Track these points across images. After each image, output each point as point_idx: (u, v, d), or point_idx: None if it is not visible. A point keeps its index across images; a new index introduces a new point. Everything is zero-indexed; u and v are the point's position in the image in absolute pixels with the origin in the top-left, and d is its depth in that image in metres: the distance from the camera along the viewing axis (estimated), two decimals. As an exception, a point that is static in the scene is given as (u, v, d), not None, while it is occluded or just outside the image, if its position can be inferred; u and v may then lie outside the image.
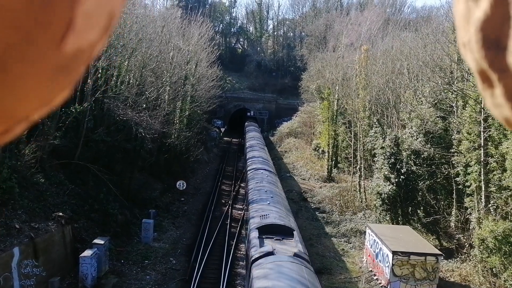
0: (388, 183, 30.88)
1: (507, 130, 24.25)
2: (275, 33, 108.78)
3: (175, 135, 40.06)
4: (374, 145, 35.81)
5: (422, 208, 31.42)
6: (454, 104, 29.68)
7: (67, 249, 22.28)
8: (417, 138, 30.46)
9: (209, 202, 37.64)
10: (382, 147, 32.54)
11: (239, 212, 35.24)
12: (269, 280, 15.52)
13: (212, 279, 23.79)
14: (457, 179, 28.27)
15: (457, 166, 28.19)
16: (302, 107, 68.52)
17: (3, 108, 0.46)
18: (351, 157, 44.68)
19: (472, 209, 26.82)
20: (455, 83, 29.32)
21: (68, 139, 26.46)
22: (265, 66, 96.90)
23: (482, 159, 25.46)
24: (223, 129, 78.76)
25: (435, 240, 30.09)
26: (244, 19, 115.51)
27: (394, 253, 23.18)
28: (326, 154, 50.72)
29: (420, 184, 30.80)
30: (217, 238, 29.51)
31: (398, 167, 30.70)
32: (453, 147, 28.69)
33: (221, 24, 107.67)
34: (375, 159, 34.67)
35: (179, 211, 35.05)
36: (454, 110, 29.73)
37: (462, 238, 28.30)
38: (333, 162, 50.17)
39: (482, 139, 25.39)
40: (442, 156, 29.85)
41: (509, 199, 24.62)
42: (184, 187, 36.77)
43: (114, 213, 26.81)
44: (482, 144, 25.45)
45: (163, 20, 42.83)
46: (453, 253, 27.95)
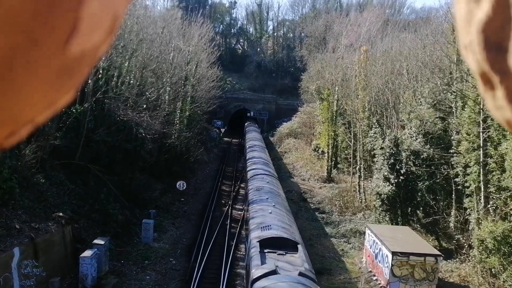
0: (388, 184, 30.94)
1: (506, 131, 24.30)
2: (275, 34, 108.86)
3: (176, 136, 40.10)
4: (374, 146, 35.88)
5: (422, 209, 31.46)
6: (453, 105, 29.73)
7: (67, 249, 22.32)
8: (417, 139, 30.52)
9: (209, 203, 37.67)
10: (382, 148, 32.60)
11: (239, 213, 35.27)
12: None
13: (212, 279, 23.84)
14: (457, 180, 28.32)
15: (457, 167, 28.24)
16: (302, 108, 68.54)
17: (9, 111, 0.46)
18: (351, 158, 44.73)
19: (472, 210, 26.86)
20: (454, 84, 29.38)
21: (69, 140, 26.51)
22: (265, 67, 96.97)
23: (482, 160, 25.51)
24: (223, 130, 78.76)
25: (435, 241, 30.15)
26: (244, 20, 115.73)
27: (394, 254, 23.23)
28: (326, 155, 50.76)
29: (420, 185, 30.84)
30: (217, 239, 29.55)
31: (398, 168, 30.75)
32: (453, 148, 28.74)
33: (221, 25, 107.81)
34: (375, 160, 34.73)
35: (179, 212, 35.09)
36: (453, 111, 29.78)
37: (462, 239, 28.34)
38: (333, 163, 50.20)
39: (481, 140, 25.43)
40: (442, 157, 29.90)
41: (509, 200, 24.66)
42: (184, 188, 36.82)
43: (114, 213, 26.85)
44: (481, 145, 25.50)
45: (164, 21, 42.94)
46: (453, 254, 28.00)
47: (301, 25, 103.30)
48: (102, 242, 22.56)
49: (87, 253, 21.36)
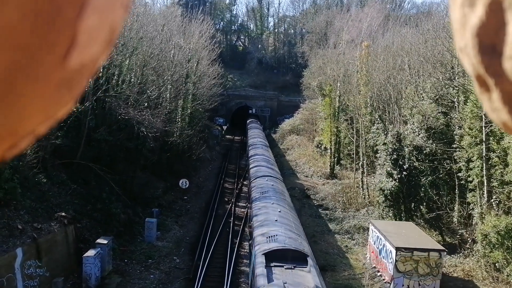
0: (391, 179, 30.87)
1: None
2: (276, 30, 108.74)
3: (177, 134, 40.06)
4: (376, 141, 35.80)
5: (425, 204, 31.39)
6: (456, 100, 29.63)
7: (70, 249, 22.31)
8: (419, 134, 30.43)
9: (212, 200, 37.65)
10: (384, 143, 32.52)
11: (242, 210, 35.24)
12: None
13: (216, 278, 23.81)
14: (459, 175, 28.23)
15: (459, 162, 28.16)
16: (304, 104, 68.42)
17: (8, 126, 0.46)
18: (354, 154, 44.62)
19: (475, 204, 26.79)
20: (456, 78, 29.25)
21: (70, 139, 26.47)
22: (266, 63, 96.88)
23: (484, 154, 25.42)
24: (225, 127, 78.74)
25: (438, 236, 30.08)
26: (245, 17, 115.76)
27: (398, 249, 23.17)
28: (329, 151, 50.68)
29: (423, 180, 30.77)
30: (221, 236, 29.52)
31: (401, 163, 30.68)
32: (455, 143, 28.64)
33: (222, 22, 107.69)
34: (378, 155, 34.66)
35: (182, 210, 35.06)
36: (456, 106, 29.68)
37: (465, 234, 28.28)
38: (336, 159, 50.12)
39: (484, 134, 25.34)
40: (444, 152, 29.81)
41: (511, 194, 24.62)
42: (187, 186, 36.81)
43: (117, 213, 26.83)
44: (484, 139, 25.41)
45: (164, 19, 42.85)
46: (456, 249, 27.94)
47: (302, 21, 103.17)
48: (105, 242, 22.55)
49: (90, 253, 21.35)
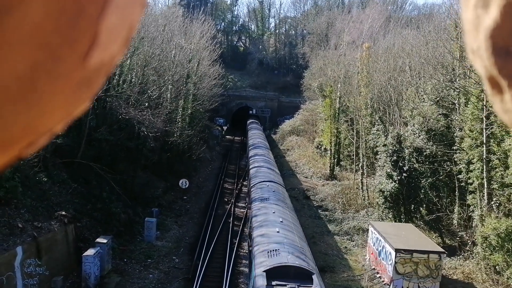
0: (391, 181, 30.87)
1: (510, 128, 24.18)
2: (277, 31, 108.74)
3: (178, 134, 40.07)
4: (376, 143, 35.80)
5: (425, 206, 31.40)
6: (456, 101, 29.64)
7: (70, 248, 22.31)
8: (419, 136, 30.43)
9: (212, 201, 37.66)
10: (385, 145, 32.53)
11: (242, 210, 35.26)
12: None
13: (215, 278, 23.81)
14: (460, 177, 28.23)
15: (460, 164, 28.16)
16: (304, 105, 68.46)
17: (28, 123, 0.46)
18: (354, 155, 44.64)
19: (475, 207, 26.78)
20: (457, 80, 29.27)
21: (71, 138, 26.49)
22: (267, 64, 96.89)
23: (485, 156, 25.42)
24: (226, 128, 78.76)
25: (438, 238, 30.08)
26: (246, 17, 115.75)
27: (397, 251, 23.17)
28: (329, 152, 50.70)
29: (423, 182, 30.77)
30: (220, 237, 29.52)
31: (401, 165, 30.68)
32: (456, 145, 28.65)
33: (223, 23, 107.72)
34: (378, 157, 34.66)
35: (182, 210, 35.08)
36: (456, 108, 29.69)
37: (465, 236, 28.27)
38: (336, 160, 50.15)
39: (485, 136, 25.34)
40: (445, 154, 29.81)
41: (512, 196, 24.62)
42: (187, 186, 36.82)
43: (117, 212, 26.85)
44: (485, 141, 25.42)
45: (165, 19, 42.87)
46: (456, 251, 27.93)
47: (303, 22, 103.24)
48: (105, 241, 22.55)
49: (90, 252, 21.35)
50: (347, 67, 47.34)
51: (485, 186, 25.54)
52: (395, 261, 23.19)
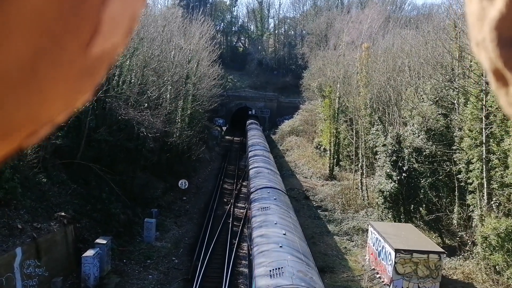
0: (390, 181, 30.86)
1: (509, 127, 24.22)
2: (276, 32, 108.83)
3: (177, 134, 40.06)
4: (376, 143, 35.80)
5: (424, 206, 31.39)
6: (456, 101, 29.64)
7: (70, 249, 22.29)
8: (419, 136, 30.42)
9: (211, 201, 37.64)
10: (384, 145, 32.52)
11: (241, 211, 35.24)
12: None
13: (215, 278, 23.79)
14: (459, 177, 28.21)
15: (459, 163, 28.15)
16: (304, 105, 68.50)
17: (30, 112, 0.46)
18: (353, 155, 44.64)
19: (475, 207, 26.77)
20: (457, 80, 29.27)
21: (70, 139, 26.48)
22: (267, 65, 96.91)
23: (484, 156, 25.41)
24: (225, 128, 78.76)
25: (438, 238, 30.07)
26: (245, 18, 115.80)
27: (397, 251, 23.15)
28: (328, 152, 50.69)
29: (422, 182, 30.76)
30: (220, 237, 29.50)
31: (400, 165, 30.67)
32: (455, 144, 28.65)
33: (222, 23, 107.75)
34: (377, 157, 34.66)
35: (181, 210, 35.06)
36: (456, 107, 29.69)
37: (465, 236, 28.25)
38: (335, 160, 50.15)
39: (484, 136, 25.33)
40: (444, 154, 29.80)
41: (512, 196, 24.61)
42: (186, 186, 36.80)
43: (116, 213, 26.83)
44: (484, 141, 25.40)
45: (164, 20, 42.89)
46: (456, 251, 27.91)
47: (302, 23, 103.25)
48: (104, 242, 22.54)
49: (89, 253, 21.33)
50: (346, 67, 47.35)
51: (485, 186, 25.53)
52: (395, 261, 23.17)
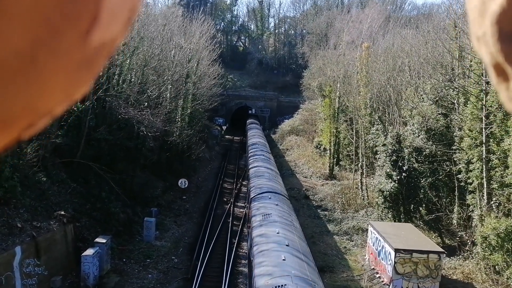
0: (390, 181, 30.85)
1: (509, 127, 24.21)
2: (276, 31, 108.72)
3: (177, 134, 40.04)
4: (376, 143, 35.78)
5: (424, 206, 31.38)
6: (456, 101, 29.63)
7: (69, 248, 22.28)
8: (419, 135, 30.41)
9: (211, 200, 37.63)
10: (384, 145, 32.51)
11: (241, 210, 35.24)
12: None
13: (214, 278, 23.78)
14: (459, 176, 28.20)
15: (459, 163, 28.14)
16: (304, 105, 68.49)
17: (28, 102, 0.46)
18: (353, 155, 44.62)
19: (474, 206, 26.77)
20: (457, 80, 29.26)
21: (70, 138, 26.46)
22: (267, 64, 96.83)
23: (484, 156, 25.40)
24: (225, 127, 78.71)
25: (437, 238, 30.06)
26: (245, 17, 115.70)
27: (397, 251, 23.14)
28: (328, 152, 50.67)
29: (422, 181, 30.75)
30: (219, 237, 29.50)
31: (400, 165, 30.66)
32: (455, 144, 28.64)
33: (223, 22, 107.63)
34: (377, 157, 34.65)
35: (181, 210, 35.05)
36: (456, 107, 29.68)
37: (465, 236, 28.25)
38: (335, 160, 50.13)
39: (484, 136, 25.32)
40: (444, 153, 29.79)
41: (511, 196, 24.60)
42: (186, 185, 36.79)
43: (116, 212, 26.81)
44: (484, 141, 25.39)
45: (165, 19, 42.83)
46: (456, 251, 27.91)
47: (303, 22, 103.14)
48: (104, 241, 22.52)
49: (89, 252, 21.32)
50: (347, 67, 47.32)
51: (485, 186, 25.53)
52: (395, 261, 23.16)
